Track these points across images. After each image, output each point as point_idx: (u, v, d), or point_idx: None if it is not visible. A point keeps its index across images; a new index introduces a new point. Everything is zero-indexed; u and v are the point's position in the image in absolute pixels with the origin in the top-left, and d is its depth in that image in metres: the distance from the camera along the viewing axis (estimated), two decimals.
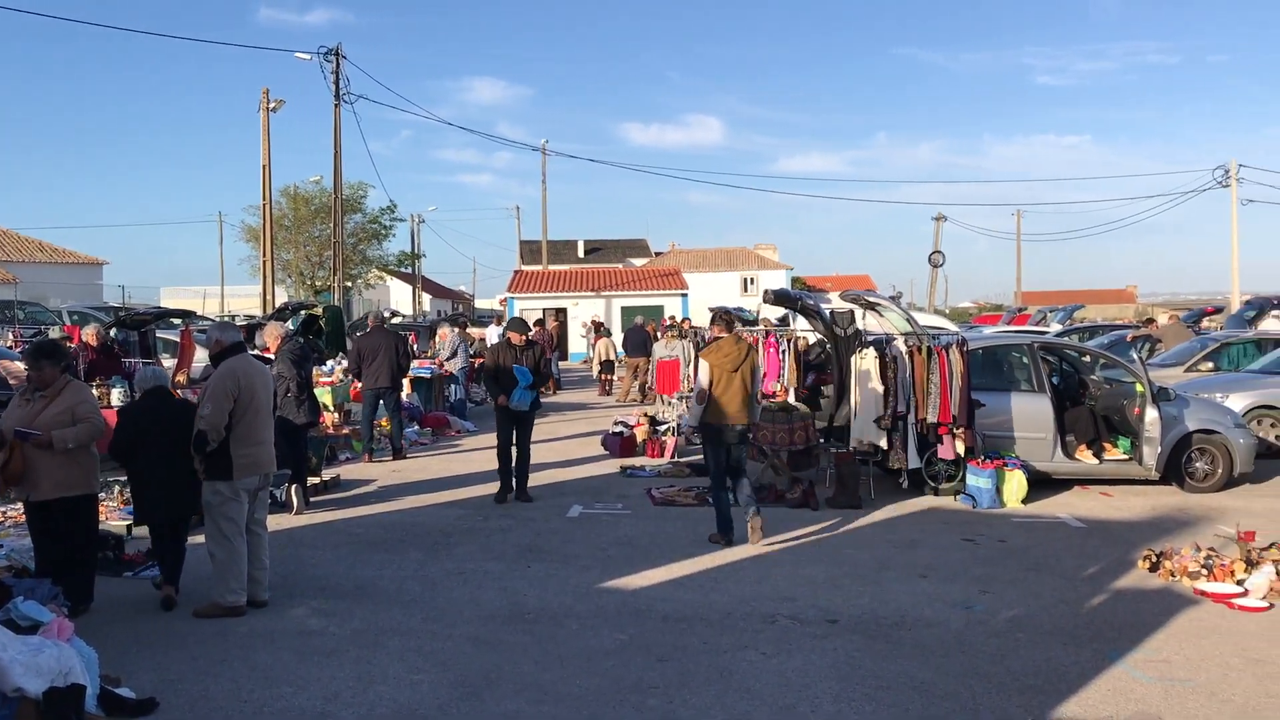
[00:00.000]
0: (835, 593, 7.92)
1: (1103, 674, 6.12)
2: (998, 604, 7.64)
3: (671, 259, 66.85)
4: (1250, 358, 17.95)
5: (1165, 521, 10.66)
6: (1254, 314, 25.47)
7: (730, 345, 9.61)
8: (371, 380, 14.96)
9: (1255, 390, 15.33)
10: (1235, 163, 43.48)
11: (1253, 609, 7.43)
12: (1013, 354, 13.46)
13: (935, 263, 60.55)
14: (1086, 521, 10.68)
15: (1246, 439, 12.54)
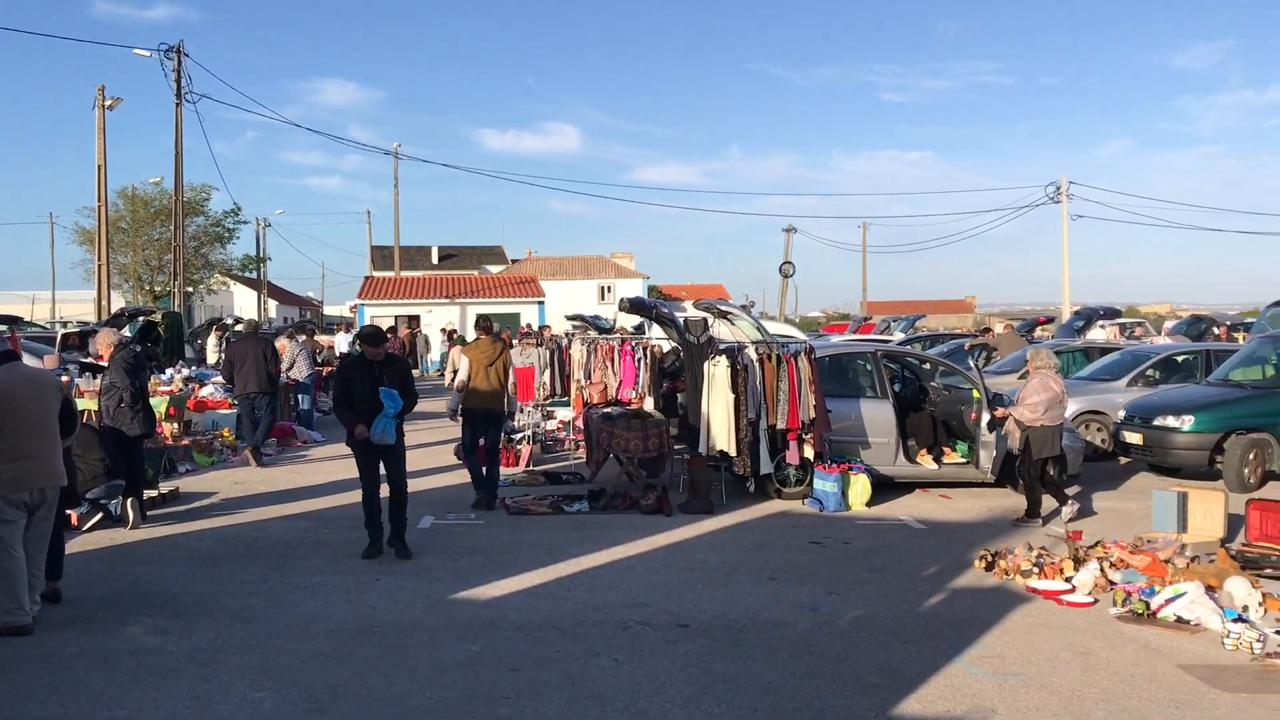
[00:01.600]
0: (687, 597, 8.00)
1: (941, 671, 6.35)
2: (843, 605, 7.84)
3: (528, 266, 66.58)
4: (1079, 365, 18.89)
5: (1000, 522, 11.12)
6: (1082, 324, 26.86)
7: (487, 344, 11.83)
8: (242, 386, 15.22)
9: (1083, 396, 16.15)
10: (1066, 180, 45.69)
11: (1079, 604, 7.82)
12: (857, 361, 13.86)
13: (785, 273, 61.92)
14: (927, 523, 11.06)
15: (1075, 442, 13.20)
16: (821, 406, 11.89)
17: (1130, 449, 14.22)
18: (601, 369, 14.86)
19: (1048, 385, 11.08)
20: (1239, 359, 15.26)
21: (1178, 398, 14.19)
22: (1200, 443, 13.20)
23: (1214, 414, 13.32)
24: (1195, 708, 5.74)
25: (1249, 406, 13.43)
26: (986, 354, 21.99)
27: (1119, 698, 5.90)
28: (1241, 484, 12.79)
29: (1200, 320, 27.57)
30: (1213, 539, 9.51)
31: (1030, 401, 11.07)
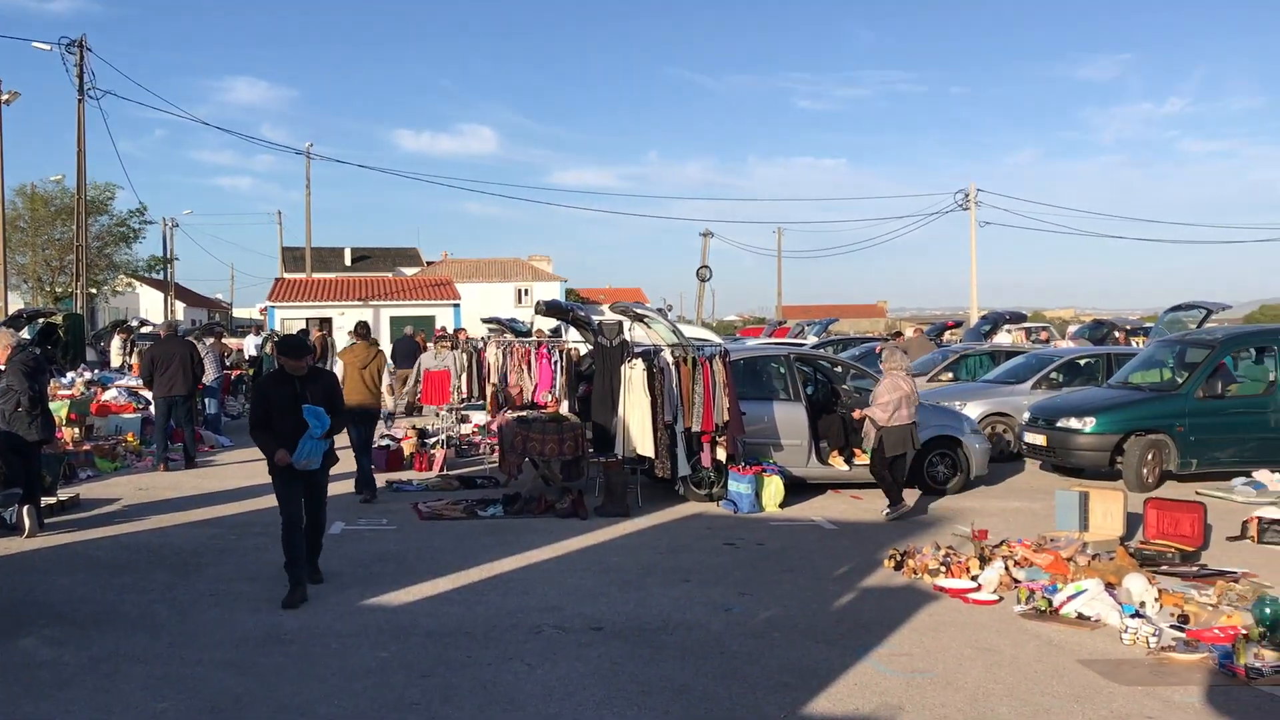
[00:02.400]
0: (601, 600, 8.00)
1: (851, 669, 6.43)
2: (755, 605, 7.90)
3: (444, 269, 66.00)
4: (985, 368, 19.35)
5: (909, 523, 11.31)
6: (989, 328, 27.50)
7: (362, 349, 12.72)
8: (165, 388, 14.96)
9: (990, 398, 16.52)
10: (974, 187, 46.77)
11: (984, 602, 7.99)
12: (771, 365, 14.00)
13: (703, 277, 62.32)
14: (838, 524, 11.22)
15: (982, 444, 13.49)
16: (735, 409, 11.99)
17: (1035, 450, 14.58)
18: (517, 372, 14.79)
19: (898, 385, 11.47)
20: (1138, 362, 15.75)
21: (1080, 400, 14.59)
22: (1101, 444, 13.58)
23: (1114, 416, 13.71)
24: (1094, 701, 5.90)
25: (1147, 408, 13.86)
26: None
27: (1022, 693, 6.04)
28: (1140, 484, 13.18)
29: (1101, 325, 28.40)
30: (1113, 537, 9.79)
31: (881, 401, 11.48)
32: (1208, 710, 5.79)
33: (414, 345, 24.77)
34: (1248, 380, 14.54)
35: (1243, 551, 9.88)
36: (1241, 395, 14.10)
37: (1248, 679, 6.21)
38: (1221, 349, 14.23)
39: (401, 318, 41.72)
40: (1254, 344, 15.13)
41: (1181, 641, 6.91)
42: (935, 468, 13.12)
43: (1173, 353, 15.36)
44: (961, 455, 13.14)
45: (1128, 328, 27.28)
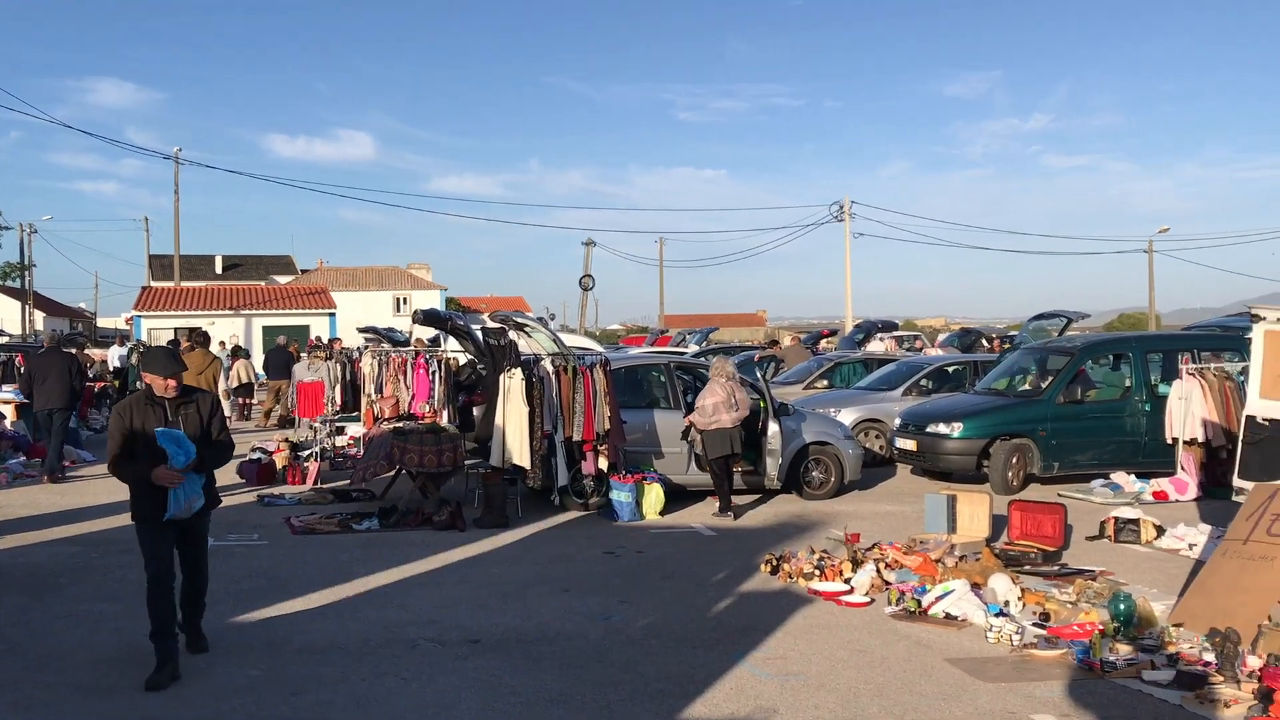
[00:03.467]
0: (479, 612, 7.92)
1: (728, 674, 6.50)
2: (635, 613, 7.93)
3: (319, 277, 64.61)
4: (859, 375, 19.79)
5: (786, 527, 11.51)
6: (862, 336, 28.14)
7: (198, 356, 14.51)
8: (44, 400, 14.73)
9: (863, 405, 16.91)
10: (849, 199, 47.91)
11: (857, 604, 8.16)
12: (653, 373, 14.08)
13: (585, 286, 62.40)
14: (717, 530, 11.33)
15: (855, 449, 13.80)
16: (616, 418, 12.03)
17: (906, 455, 14.97)
18: (394, 383, 14.56)
19: (714, 391, 11.89)
20: (1003, 369, 16.30)
21: (947, 406, 15.03)
22: (968, 448, 14.01)
23: (980, 421, 14.17)
24: (960, 699, 6.08)
25: (1012, 414, 14.35)
26: (775, 365, 22.78)
27: (892, 693, 6.19)
28: (1005, 486, 13.64)
29: (969, 333, 29.34)
30: (979, 538, 10.11)
31: (700, 406, 11.89)
32: (1067, 703, 6.02)
33: (287, 356, 24.20)
34: (1105, 386, 15.18)
35: (1100, 550, 10.30)
36: (1100, 400, 14.71)
37: (1103, 672, 6.47)
38: (1081, 356, 14.83)
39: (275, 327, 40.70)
40: (1111, 351, 15.83)
41: (1043, 638, 7.16)
42: (810, 473, 13.36)
43: (1035, 360, 15.94)
44: (836, 460, 13.41)
45: (995, 336, 28.23)
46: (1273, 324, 9.03)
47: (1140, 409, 14.31)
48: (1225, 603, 7.36)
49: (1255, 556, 7.64)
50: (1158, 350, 15.32)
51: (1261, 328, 9.11)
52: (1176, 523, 10.82)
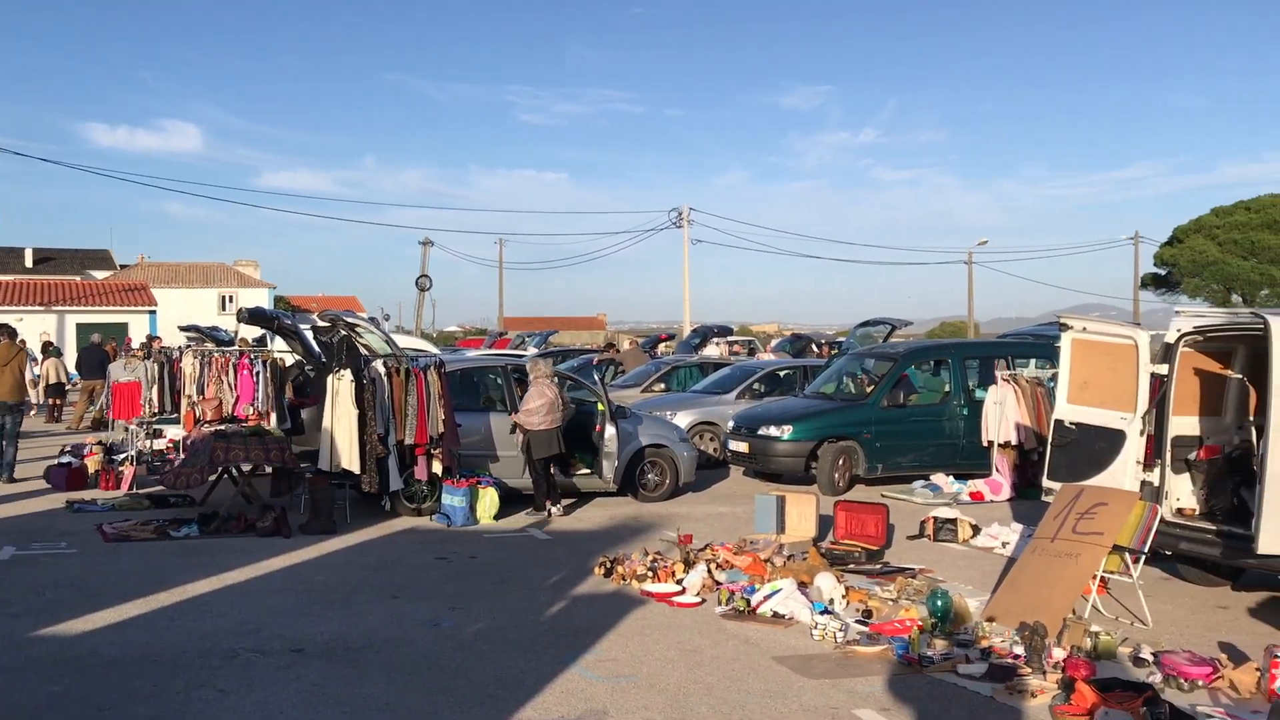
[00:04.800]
0: (303, 620, 7.68)
1: (558, 677, 6.47)
2: (466, 619, 7.82)
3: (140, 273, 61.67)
4: (695, 379, 20.07)
5: (621, 530, 11.55)
6: (699, 340, 28.53)
7: (5, 348, 14.07)
8: None
9: (698, 408, 17.15)
10: (687, 206, 48.57)
11: (688, 604, 8.25)
12: (489, 376, 13.96)
13: (422, 286, 61.30)
14: (552, 534, 11.29)
15: (690, 452, 13.97)
16: (451, 421, 11.86)
17: (738, 457, 15.25)
18: (216, 384, 13.98)
19: (543, 393, 11.97)
20: (830, 374, 16.78)
21: (778, 409, 15.38)
22: (797, 450, 14.37)
23: (809, 424, 14.54)
24: (785, 696, 6.20)
25: (839, 417, 14.78)
26: (614, 369, 22.88)
27: (720, 692, 6.27)
28: (832, 487, 14.04)
29: (800, 338, 30.09)
30: (806, 538, 10.36)
31: (529, 408, 11.94)
32: (888, 698, 6.21)
33: (103, 355, 23.02)
34: (926, 391, 15.80)
35: (920, 549, 10.70)
36: (921, 404, 15.29)
37: (921, 667, 6.71)
38: (903, 361, 15.39)
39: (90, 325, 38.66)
40: (932, 357, 16.48)
41: (865, 635, 7.38)
42: (646, 475, 13.46)
43: (861, 365, 16.48)
44: (671, 463, 13.54)
45: (825, 341, 29.04)
46: (1079, 333, 9.51)
47: (958, 413, 14.95)
48: (1034, 598, 7.74)
49: (1061, 554, 8.06)
50: (975, 357, 16.03)
51: (1069, 336, 9.58)
52: (991, 522, 11.34)
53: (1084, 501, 8.31)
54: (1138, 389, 8.83)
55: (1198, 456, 9.09)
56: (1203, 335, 8.80)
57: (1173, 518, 8.71)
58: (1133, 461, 8.80)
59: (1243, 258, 47.31)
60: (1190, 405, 9.18)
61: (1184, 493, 9.06)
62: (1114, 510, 8.12)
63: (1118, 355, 9.06)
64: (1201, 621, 8.07)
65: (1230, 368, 9.29)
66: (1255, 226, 47.65)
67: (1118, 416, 8.94)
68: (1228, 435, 9.28)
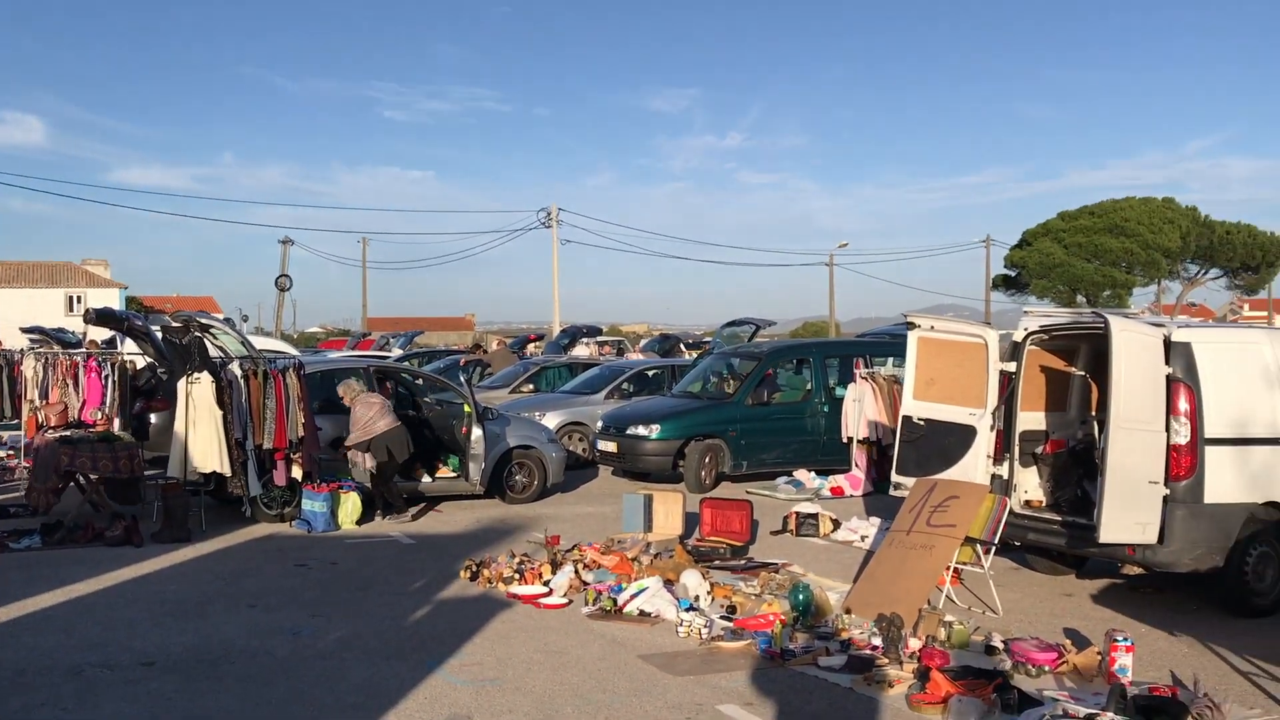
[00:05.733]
0: (155, 633, 7.39)
1: (422, 683, 6.38)
2: (327, 626, 7.64)
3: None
4: (564, 379, 20.04)
5: (488, 532, 11.45)
6: (568, 341, 28.51)
7: None
8: None
9: (567, 409, 17.12)
10: (556, 206, 48.42)
11: (555, 606, 8.23)
12: (351, 378, 13.63)
13: (282, 286, 59.62)
14: (417, 538, 11.13)
15: (559, 453, 13.94)
16: (311, 424, 11.58)
17: (607, 456, 15.28)
18: (61, 388, 13.36)
19: (369, 402, 11.90)
20: (697, 373, 16.98)
21: (646, 409, 15.47)
22: (665, 449, 14.47)
23: (676, 423, 14.66)
24: (650, 694, 6.24)
25: (705, 415, 14.95)
26: (481, 369, 22.68)
27: (586, 692, 6.27)
28: (699, 485, 14.19)
29: (668, 338, 30.36)
30: (673, 536, 10.44)
31: (366, 419, 11.79)
32: (751, 692, 6.30)
33: None
34: (789, 389, 16.10)
35: (784, 544, 10.90)
36: (784, 402, 15.58)
37: (784, 660, 6.83)
38: (767, 360, 15.66)
39: None
40: (795, 356, 16.80)
41: (730, 630, 7.48)
42: (514, 477, 13.37)
43: (727, 364, 16.70)
44: (539, 464, 13.48)
45: (691, 341, 29.35)
46: (926, 331, 9.74)
47: (820, 410, 15.28)
48: (891, 589, 7.95)
49: (916, 546, 8.30)
50: (835, 356, 16.40)
51: (915, 334, 9.79)
52: (851, 516, 11.63)
53: (937, 495, 8.58)
54: (987, 386, 9.14)
55: (1044, 450, 9.48)
56: (1048, 334, 9.18)
57: (1021, 509, 9.06)
58: (983, 456, 9.11)
59: (1086, 260, 49.52)
60: (1037, 401, 9.57)
61: (1031, 485, 9.44)
62: (965, 503, 8.40)
63: (966, 353, 9.36)
64: (1048, 609, 8.42)
65: (1074, 365, 9.72)
66: (1098, 230, 49.95)
67: (967, 412, 9.23)
68: (1072, 430, 9.70)
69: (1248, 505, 8.00)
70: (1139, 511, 7.74)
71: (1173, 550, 7.80)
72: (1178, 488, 7.77)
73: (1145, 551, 7.86)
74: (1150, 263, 49.67)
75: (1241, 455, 8.03)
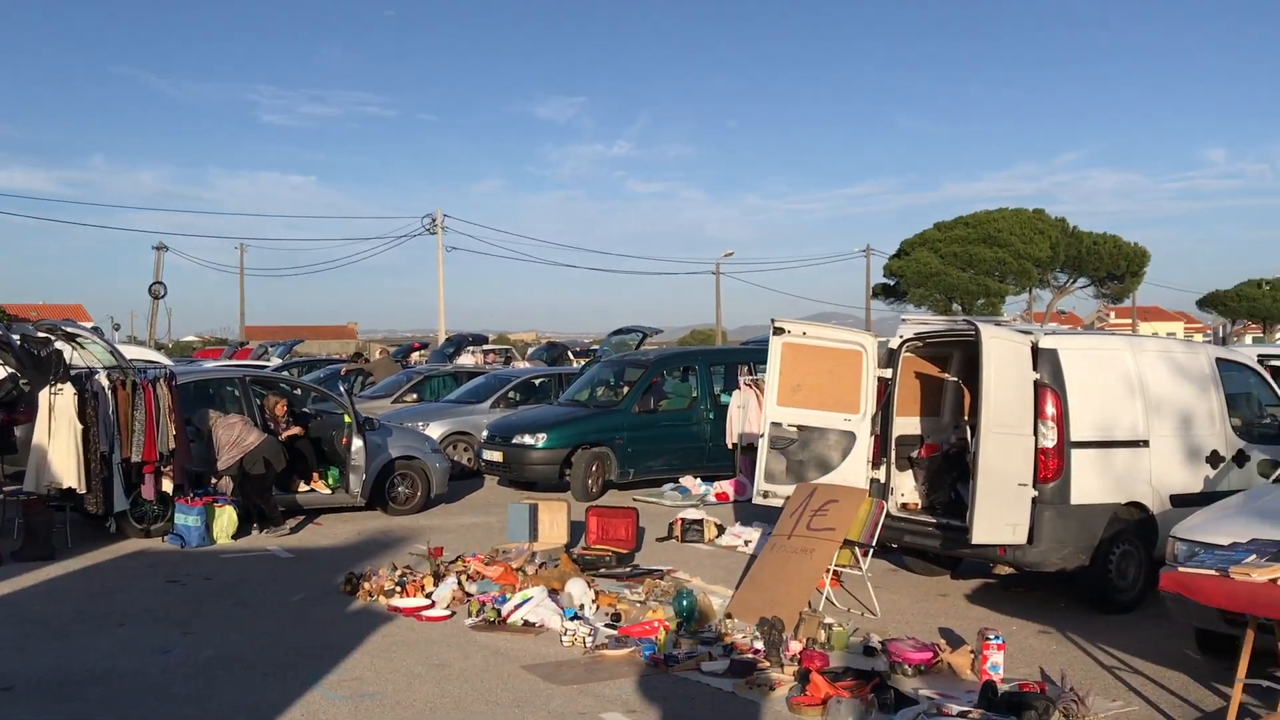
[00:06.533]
0: (14, 656, 7.06)
1: (299, 700, 6.22)
2: (201, 644, 7.41)
3: None
4: (449, 389, 19.83)
5: (369, 544, 11.25)
6: (453, 350, 28.25)
7: None
8: None
9: (452, 418, 16.94)
10: (441, 213, 47.95)
11: (437, 618, 8.11)
12: (226, 388, 13.32)
13: (156, 294, 57.74)
14: (295, 551, 10.87)
15: (442, 463, 13.77)
16: (183, 436, 11.22)
17: (493, 466, 15.16)
18: None
19: (230, 425, 11.71)
20: (584, 381, 16.97)
21: (532, 417, 15.40)
22: (552, 457, 14.43)
23: (563, 431, 14.64)
24: (533, 704, 6.20)
25: (592, 423, 14.96)
26: (363, 379, 22.31)
27: (468, 704, 6.20)
28: (586, 493, 14.18)
29: (555, 346, 30.34)
30: (559, 545, 10.42)
31: (232, 439, 11.58)
32: (635, 699, 6.30)
33: None
34: (676, 396, 16.23)
35: (669, 550, 10.96)
36: (670, 410, 15.69)
37: (667, 667, 6.86)
38: (654, 368, 15.76)
39: None
40: (681, 364, 16.94)
41: (614, 638, 7.47)
42: (396, 488, 13.16)
43: (614, 372, 16.74)
44: (423, 474, 13.30)
45: (578, 349, 29.36)
46: (796, 337, 9.68)
47: (706, 417, 15.43)
48: (772, 593, 8.06)
49: (797, 550, 8.43)
50: (720, 363, 16.58)
51: (780, 340, 9.72)
52: (735, 522, 11.75)
53: (817, 499, 8.73)
54: (864, 392, 9.33)
55: (919, 454, 9.72)
56: (923, 341, 9.42)
57: (898, 512, 9.27)
58: (863, 461, 9.29)
59: (961, 269, 51.03)
60: (912, 406, 9.80)
61: (907, 488, 9.67)
62: (844, 507, 8.57)
63: (840, 360, 9.49)
64: (924, 609, 8.63)
65: (948, 371, 9.99)
66: (973, 240, 51.54)
67: (841, 418, 9.39)
68: (946, 434, 9.98)
69: (1111, 506, 8.32)
70: (1009, 513, 7.99)
71: (1041, 550, 8.06)
72: (1046, 489, 8.04)
73: (1015, 552, 8.11)
74: (1022, 272, 51.47)
75: (1105, 457, 8.35)
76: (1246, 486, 8.24)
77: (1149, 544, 8.47)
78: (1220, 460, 9.03)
